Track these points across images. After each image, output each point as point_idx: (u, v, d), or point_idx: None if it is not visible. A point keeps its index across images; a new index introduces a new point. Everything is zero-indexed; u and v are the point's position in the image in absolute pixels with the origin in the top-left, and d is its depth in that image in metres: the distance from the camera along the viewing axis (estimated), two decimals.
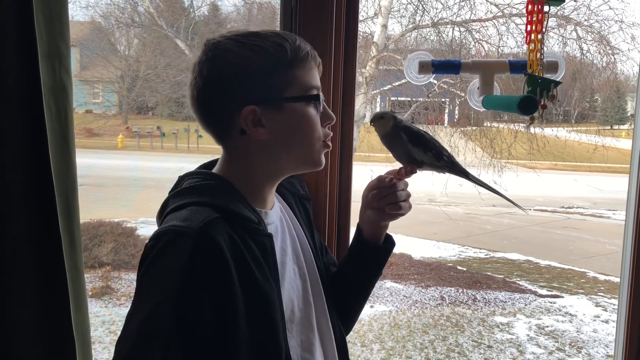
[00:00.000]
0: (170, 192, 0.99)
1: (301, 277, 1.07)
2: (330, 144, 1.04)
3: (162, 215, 0.95)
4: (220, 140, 1.01)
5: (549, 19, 1.04)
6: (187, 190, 0.95)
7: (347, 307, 1.20)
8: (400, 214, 1.11)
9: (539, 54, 1.03)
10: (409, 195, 1.12)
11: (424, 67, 1.19)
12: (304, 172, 1.06)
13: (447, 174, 1.15)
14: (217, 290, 0.85)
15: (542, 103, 1.00)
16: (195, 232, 0.85)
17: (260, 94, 0.94)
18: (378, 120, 1.14)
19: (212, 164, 1.06)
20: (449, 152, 1.14)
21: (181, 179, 1.01)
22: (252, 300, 0.90)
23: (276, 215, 1.05)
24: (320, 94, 1.00)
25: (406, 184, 1.12)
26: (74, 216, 1.14)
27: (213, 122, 0.99)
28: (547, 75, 1.08)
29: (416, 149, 1.11)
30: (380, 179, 1.12)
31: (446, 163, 1.13)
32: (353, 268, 1.18)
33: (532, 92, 1.00)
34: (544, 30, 1.02)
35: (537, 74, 1.03)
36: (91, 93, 9.92)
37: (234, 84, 0.94)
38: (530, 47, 1.04)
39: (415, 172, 1.12)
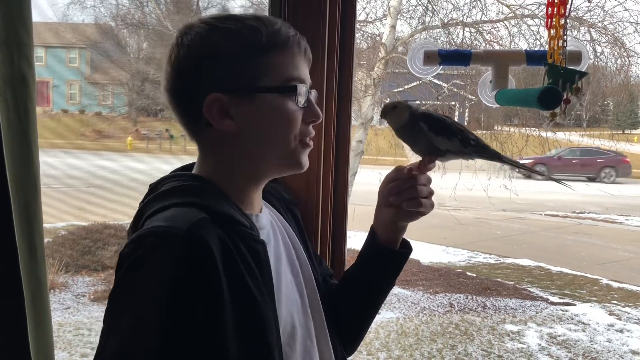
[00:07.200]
0: (143, 200, 0.87)
1: (298, 289, 0.94)
2: (311, 143, 0.92)
3: (138, 226, 0.82)
4: (193, 135, 0.91)
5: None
6: (166, 192, 0.84)
7: (354, 323, 1.06)
8: (421, 213, 0.96)
9: (561, 41, 0.90)
10: (431, 192, 0.97)
11: (430, 58, 1.05)
12: (287, 174, 0.93)
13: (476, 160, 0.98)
14: (206, 304, 0.73)
15: (565, 97, 0.87)
16: (184, 232, 0.73)
17: (227, 81, 0.85)
18: (390, 111, 0.98)
19: (189, 167, 0.94)
20: (475, 135, 0.97)
21: (156, 184, 0.89)
22: (245, 317, 0.77)
23: (267, 220, 0.93)
24: (304, 86, 0.88)
25: (428, 180, 0.98)
26: (35, 224, 1.01)
27: (183, 114, 0.90)
28: (570, 66, 0.94)
29: (440, 137, 0.95)
30: (398, 170, 0.98)
31: (475, 148, 0.97)
32: (364, 276, 1.03)
33: (554, 84, 0.87)
34: (567, 12, 0.88)
35: (558, 64, 0.90)
36: (101, 95, 9.95)
37: (198, 71, 0.85)
38: (551, 33, 0.91)
39: (434, 161, 0.97)
